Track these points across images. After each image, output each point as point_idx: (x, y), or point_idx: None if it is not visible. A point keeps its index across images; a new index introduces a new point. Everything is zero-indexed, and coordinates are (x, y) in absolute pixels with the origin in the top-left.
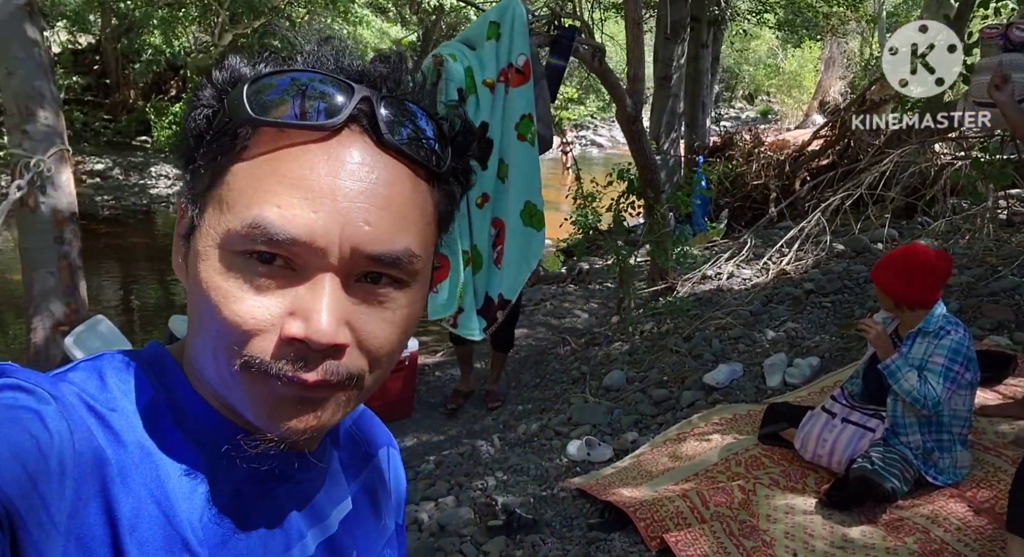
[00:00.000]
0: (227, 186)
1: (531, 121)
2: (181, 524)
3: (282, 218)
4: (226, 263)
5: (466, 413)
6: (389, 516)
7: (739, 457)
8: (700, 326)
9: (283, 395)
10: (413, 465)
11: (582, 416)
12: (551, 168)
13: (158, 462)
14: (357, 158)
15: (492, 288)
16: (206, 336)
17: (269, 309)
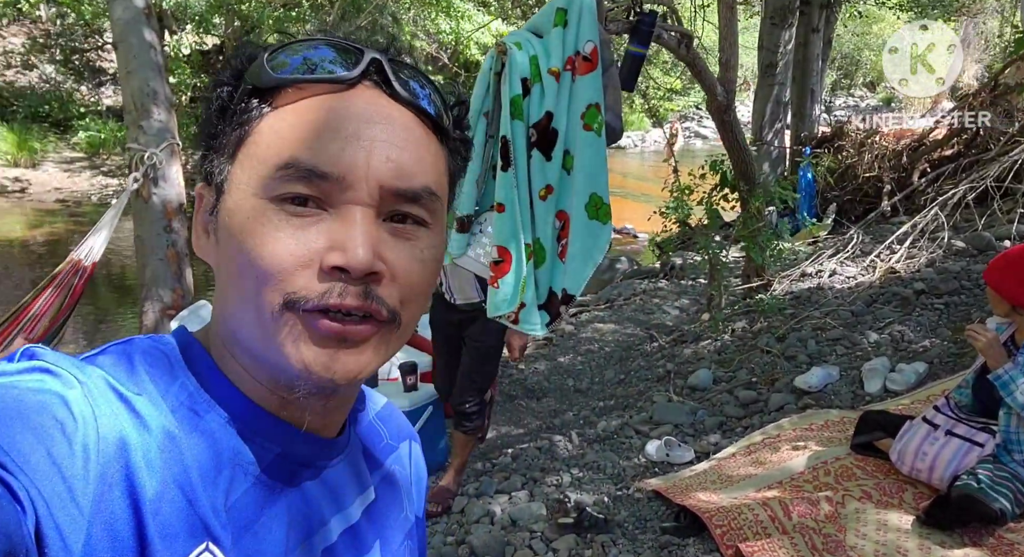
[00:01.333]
0: (255, 143)
1: (598, 111)
2: (203, 509)
3: (313, 156)
4: (261, 210)
5: (548, 406)
6: (411, 508)
7: (829, 467)
8: (795, 326)
9: (325, 333)
10: (490, 457)
11: (664, 415)
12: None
13: (183, 447)
14: (375, 105)
15: (556, 282)
16: (245, 288)
17: (307, 245)
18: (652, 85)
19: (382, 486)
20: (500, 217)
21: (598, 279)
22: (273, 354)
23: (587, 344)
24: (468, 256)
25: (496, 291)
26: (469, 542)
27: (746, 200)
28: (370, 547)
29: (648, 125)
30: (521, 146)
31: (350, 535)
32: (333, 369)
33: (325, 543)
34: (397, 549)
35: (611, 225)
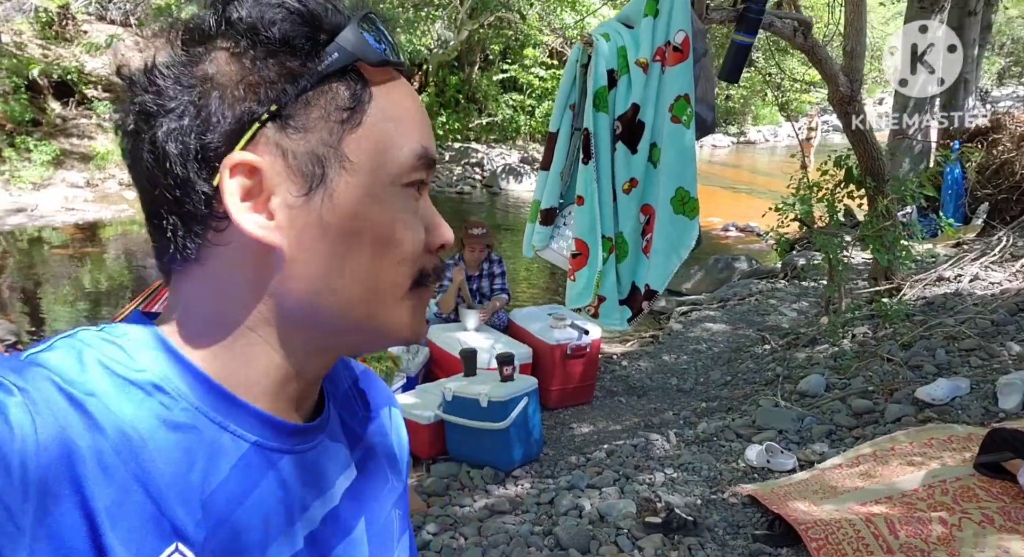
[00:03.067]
0: (376, 126)
1: (687, 102)
2: (172, 509)
3: (430, 144)
4: (401, 197)
5: (648, 405)
6: (396, 477)
7: (947, 486)
8: (924, 333)
9: (426, 304)
10: (585, 452)
11: (768, 420)
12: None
13: (142, 446)
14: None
15: (639, 277)
16: (374, 270)
17: (421, 228)
18: (788, 77)
19: (364, 461)
20: (579, 210)
21: (713, 278)
22: (383, 328)
23: (695, 343)
24: (551, 249)
25: (573, 284)
26: (556, 534)
27: (873, 198)
28: (355, 526)
29: (781, 119)
30: (604, 139)
31: (334, 517)
32: (423, 333)
33: (308, 529)
34: (384, 522)
35: (698, 220)
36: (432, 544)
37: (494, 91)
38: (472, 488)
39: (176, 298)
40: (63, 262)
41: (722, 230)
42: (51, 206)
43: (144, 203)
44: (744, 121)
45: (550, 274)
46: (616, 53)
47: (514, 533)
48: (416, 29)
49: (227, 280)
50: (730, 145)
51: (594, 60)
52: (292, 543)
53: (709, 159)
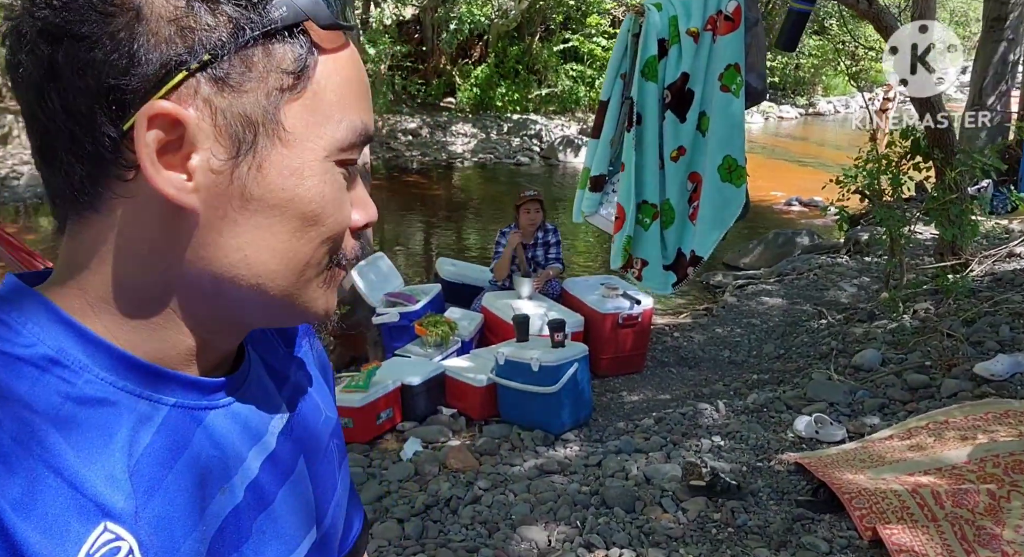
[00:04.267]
0: (316, 97)
1: (737, 71)
2: (92, 487)
3: (368, 121)
4: (333, 174)
5: (699, 376)
6: (328, 407)
7: (999, 459)
8: (989, 309)
9: (338, 282)
10: (634, 419)
11: (819, 392)
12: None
13: (45, 427)
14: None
15: (684, 243)
16: (296, 249)
17: (349, 208)
18: (864, 44)
19: (294, 398)
20: (622, 176)
21: (773, 252)
22: (301, 305)
23: (749, 317)
24: (600, 215)
25: (613, 246)
26: (602, 493)
27: (941, 170)
28: (295, 465)
29: (854, 89)
30: (652, 107)
31: (272, 462)
32: (333, 311)
33: (247, 480)
34: (324, 454)
35: (745, 188)
36: (483, 499)
37: (554, 61)
38: (522, 449)
39: (70, 252)
40: None
41: (785, 204)
42: None
43: (32, 130)
44: (814, 92)
45: (604, 244)
46: (667, 22)
47: (561, 491)
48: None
49: (129, 237)
50: (797, 116)
51: (645, 29)
52: (232, 496)
53: (775, 131)
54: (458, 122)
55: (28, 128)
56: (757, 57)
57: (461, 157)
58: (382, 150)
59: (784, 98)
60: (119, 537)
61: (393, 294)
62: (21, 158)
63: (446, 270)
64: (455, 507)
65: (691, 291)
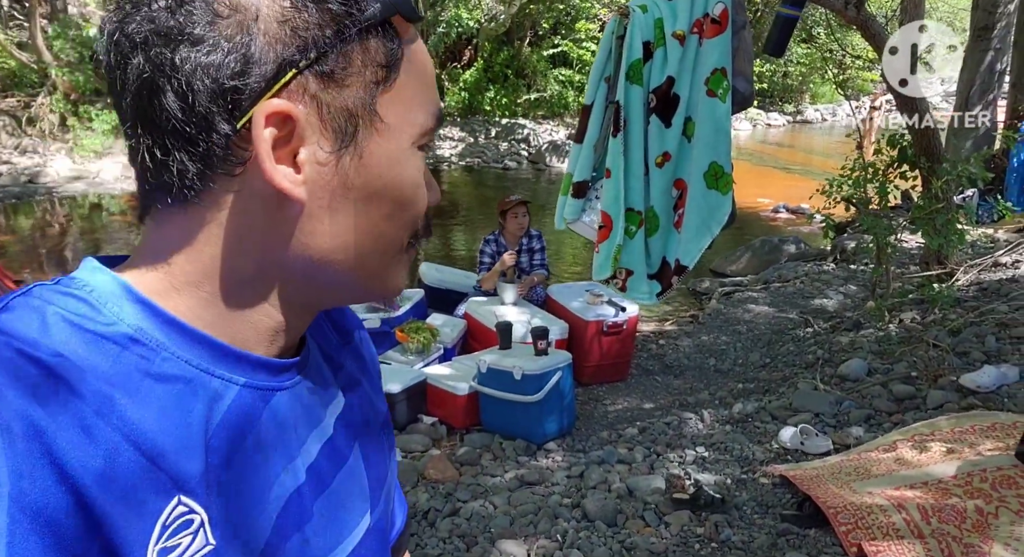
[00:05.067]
0: (405, 87)
1: (724, 76)
2: (168, 462)
3: (440, 106)
4: (417, 158)
5: (684, 384)
6: (379, 399)
7: (986, 474)
8: (975, 320)
9: (411, 259)
10: (617, 428)
11: (805, 402)
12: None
13: (127, 401)
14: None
15: (669, 252)
16: (386, 231)
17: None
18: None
19: (348, 388)
20: (606, 183)
21: (760, 259)
22: (380, 283)
23: (735, 324)
24: (582, 222)
25: (596, 256)
26: (583, 506)
27: (927, 179)
28: (350, 452)
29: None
30: (636, 112)
31: (330, 447)
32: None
33: (308, 461)
34: (376, 446)
35: (731, 195)
36: (462, 511)
37: (543, 66)
38: (504, 459)
39: (157, 240)
40: (121, 228)
41: (772, 211)
42: (111, 174)
43: (140, 130)
44: (801, 99)
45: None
46: (653, 25)
47: (542, 503)
48: (467, 2)
49: (231, 227)
50: (785, 124)
51: (629, 31)
52: (295, 477)
53: (763, 138)
54: (446, 126)
55: (132, 128)
56: (744, 61)
57: (448, 161)
58: None
59: (772, 105)
60: (192, 510)
61: None
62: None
63: (430, 275)
64: (433, 519)
65: (677, 298)
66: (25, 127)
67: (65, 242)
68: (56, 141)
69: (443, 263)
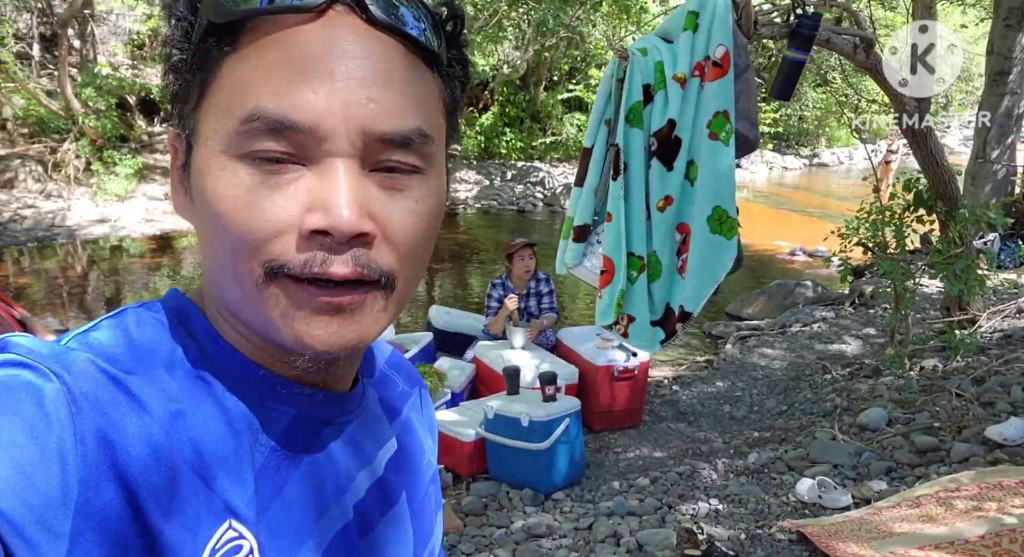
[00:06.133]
0: (218, 91)
1: (726, 119)
2: (222, 486)
3: (280, 105)
4: (231, 170)
5: (697, 432)
6: (432, 453)
7: (1016, 534)
8: (999, 368)
9: (314, 305)
10: (628, 477)
11: (823, 453)
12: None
13: (190, 423)
14: (349, 36)
15: (673, 298)
16: (224, 256)
17: (284, 208)
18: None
19: (403, 434)
20: (608, 227)
21: (776, 303)
22: (263, 325)
23: (751, 370)
24: (584, 266)
25: (599, 302)
26: None
27: (945, 223)
28: (398, 498)
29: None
30: (637, 155)
31: (378, 489)
32: (330, 342)
33: (355, 499)
34: (423, 497)
35: (736, 240)
36: None
37: (558, 110)
38: (510, 509)
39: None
40: (141, 271)
41: (789, 254)
42: (132, 217)
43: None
44: (817, 143)
45: None
46: (653, 67)
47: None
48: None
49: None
50: (802, 167)
51: (629, 74)
52: (344, 513)
53: (779, 181)
54: (462, 169)
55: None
56: (748, 104)
57: (464, 203)
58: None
59: (787, 149)
60: (241, 536)
61: None
62: (25, 202)
63: (439, 318)
64: None
65: (691, 342)
66: (51, 172)
67: (87, 284)
68: (80, 185)
69: (458, 306)
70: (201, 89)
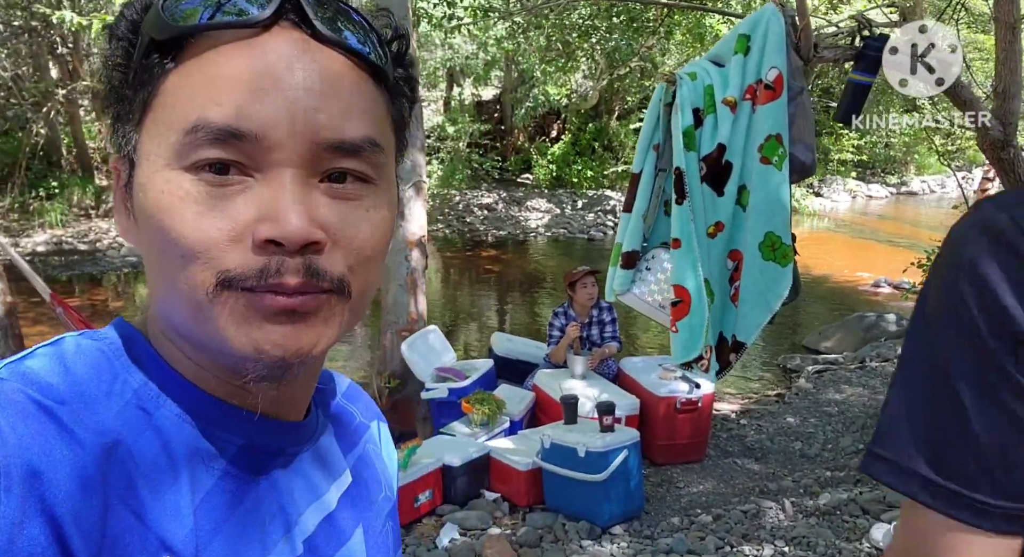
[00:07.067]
0: (161, 107)
1: (779, 142)
2: (158, 521)
3: (225, 114)
4: (176, 183)
5: (765, 469)
6: (389, 488)
7: None
8: None
9: (268, 310)
10: (690, 514)
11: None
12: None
13: (125, 456)
14: (295, 50)
15: (726, 328)
16: (172, 270)
17: (234, 219)
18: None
19: (358, 467)
20: (678, 254)
21: (856, 337)
22: (215, 338)
23: (825, 406)
24: (632, 293)
25: (676, 336)
26: None
27: None
28: (351, 534)
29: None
30: (695, 178)
31: (329, 523)
32: (284, 346)
33: (304, 534)
34: (380, 532)
35: (792, 267)
36: None
37: (631, 139)
38: (566, 541)
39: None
40: None
41: (872, 286)
42: None
43: None
44: (906, 170)
45: None
46: (703, 91)
47: None
48: (556, 79)
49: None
50: (888, 196)
51: (679, 98)
52: (292, 549)
53: (863, 211)
54: (534, 197)
55: None
56: (804, 128)
57: (535, 231)
58: (458, 224)
59: (873, 177)
60: None
61: (444, 369)
62: None
63: (501, 345)
64: None
65: (764, 375)
66: None
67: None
68: None
69: (525, 333)
70: (144, 106)
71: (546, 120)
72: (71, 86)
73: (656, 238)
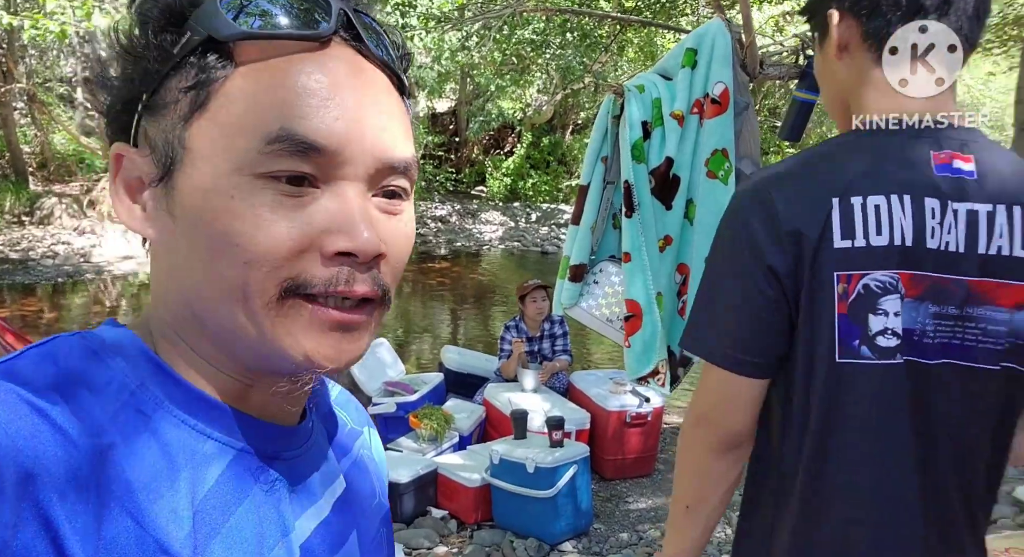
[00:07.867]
0: (224, 109)
1: (725, 157)
2: (154, 525)
3: (307, 127)
4: (248, 190)
5: None
6: (382, 493)
7: None
8: None
9: (329, 322)
10: (639, 529)
11: None
12: None
13: (121, 457)
14: (354, 67)
15: (673, 341)
16: (227, 274)
17: (302, 229)
18: None
19: (352, 473)
20: (629, 267)
21: None
22: (267, 344)
23: None
24: (580, 307)
25: (629, 351)
26: None
27: None
28: (346, 539)
29: None
30: (645, 191)
31: (326, 528)
32: (337, 358)
33: (301, 539)
34: (374, 537)
35: None
36: None
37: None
38: None
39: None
40: None
41: None
42: None
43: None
44: None
45: None
46: (651, 104)
47: None
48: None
49: (153, 269)
50: None
51: (627, 111)
52: (289, 553)
53: None
54: (488, 210)
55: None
56: (750, 143)
57: (489, 244)
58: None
59: None
60: None
61: (392, 383)
62: (59, 238)
63: (451, 359)
64: None
65: None
66: (86, 209)
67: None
68: (114, 222)
69: (478, 347)
70: (195, 105)
71: (501, 133)
72: (4, 88)
73: (604, 251)
